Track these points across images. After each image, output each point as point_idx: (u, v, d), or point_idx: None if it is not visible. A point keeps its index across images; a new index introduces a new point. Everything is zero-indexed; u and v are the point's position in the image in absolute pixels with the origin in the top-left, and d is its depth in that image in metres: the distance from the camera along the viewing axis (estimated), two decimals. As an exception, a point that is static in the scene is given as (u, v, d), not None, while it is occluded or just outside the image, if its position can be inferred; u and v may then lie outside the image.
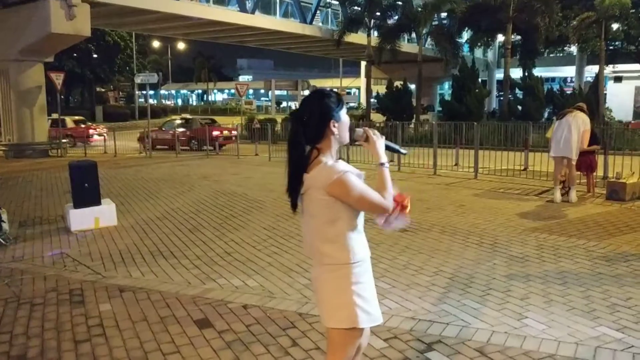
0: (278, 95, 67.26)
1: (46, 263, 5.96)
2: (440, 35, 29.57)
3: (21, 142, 18.82)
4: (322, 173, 2.24)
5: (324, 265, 2.33)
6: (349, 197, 2.23)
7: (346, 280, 2.30)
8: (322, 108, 2.29)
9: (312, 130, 2.28)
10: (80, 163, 7.97)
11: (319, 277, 2.37)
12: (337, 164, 2.25)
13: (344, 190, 2.22)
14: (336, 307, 2.32)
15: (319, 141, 2.30)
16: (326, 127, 2.28)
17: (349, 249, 2.30)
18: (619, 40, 30.72)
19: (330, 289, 2.33)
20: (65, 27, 16.83)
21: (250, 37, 30.54)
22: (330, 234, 2.30)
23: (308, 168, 2.28)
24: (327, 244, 2.31)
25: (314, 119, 2.28)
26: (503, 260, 5.60)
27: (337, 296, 2.31)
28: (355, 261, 2.31)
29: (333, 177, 2.21)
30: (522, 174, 11.25)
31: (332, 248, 2.30)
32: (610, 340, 3.71)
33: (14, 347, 3.86)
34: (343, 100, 2.37)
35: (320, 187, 2.24)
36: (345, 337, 2.33)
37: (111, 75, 48.04)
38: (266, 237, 6.76)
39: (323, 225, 2.31)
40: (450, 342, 3.74)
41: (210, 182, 11.51)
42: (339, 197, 2.23)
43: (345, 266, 2.30)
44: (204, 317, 4.27)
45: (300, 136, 2.29)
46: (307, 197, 2.31)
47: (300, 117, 2.30)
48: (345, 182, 2.21)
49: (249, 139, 21.45)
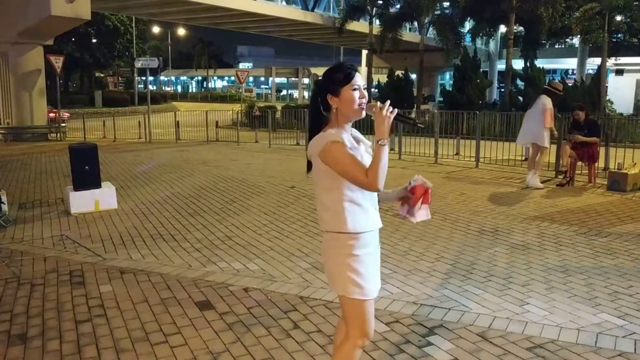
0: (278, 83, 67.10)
1: (46, 245, 5.95)
2: (442, 25, 29.41)
3: (20, 126, 18.74)
4: (318, 141, 2.29)
5: (324, 232, 2.41)
6: (335, 166, 2.26)
7: (340, 250, 2.35)
8: (324, 80, 2.36)
9: (320, 100, 2.35)
10: (80, 146, 7.95)
11: (323, 242, 2.46)
12: (332, 132, 2.28)
13: (332, 159, 2.25)
14: (334, 273, 2.40)
15: (328, 112, 2.35)
16: (326, 99, 2.33)
17: (344, 219, 2.31)
18: (621, 32, 30.58)
19: (328, 256, 2.42)
20: (65, 10, 16.68)
21: (251, 23, 30.39)
22: (327, 201, 2.35)
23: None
24: (325, 211, 2.37)
25: (320, 90, 2.36)
26: (504, 248, 5.59)
27: (333, 263, 2.39)
28: (349, 232, 2.32)
29: (322, 145, 2.25)
30: (522, 164, 11.21)
31: (328, 215, 2.36)
32: (612, 327, 3.71)
33: (14, 326, 3.85)
34: (350, 77, 2.31)
35: (316, 155, 2.29)
36: (352, 305, 2.38)
37: (111, 60, 47.76)
38: (267, 222, 6.75)
39: (322, 192, 2.37)
40: (452, 326, 3.74)
41: (210, 168, 11.48)
42: (329, 165, 2.27)
43: (339, 235, 2.33)
44: (205, 299, 4.26)
45: (315, 102, 2.36)
46: (312, 164, 2.38)
47: (317, 83, 2.41)
48: (332, 151, 2.24)
49: (249, 126, 21.40)
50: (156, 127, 19.17)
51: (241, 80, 24.42)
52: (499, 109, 25.32)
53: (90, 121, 20.79)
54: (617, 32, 30.35)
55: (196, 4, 23.99)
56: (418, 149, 12.76)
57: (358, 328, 2.41)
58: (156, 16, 32.25)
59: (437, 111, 17.12)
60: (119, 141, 18.22)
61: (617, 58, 33.48)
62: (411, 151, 12.88)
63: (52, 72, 19.53)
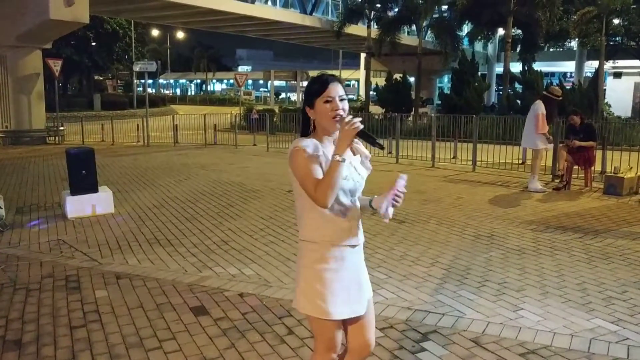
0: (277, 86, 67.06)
1: (42, 249, 5.95)
2: (440, 28, 29.45)
3: (18, 129, 18.74)
4: (291, 146, 2.25)
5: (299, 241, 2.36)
6: (295, 173, 2.21)
7: (301, 259, 2.31)
8: (304, 92, 2.33)
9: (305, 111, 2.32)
10: (77, 150, 7.93)
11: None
12: (299, 140, 2.24)
13: (292, 166, 2.22)
14: (298, 287, 2.32)
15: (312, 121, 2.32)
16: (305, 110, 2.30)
17: (308, 227, 2.27)
18: (619, 35, 30.62)
19: (297, 267, 2.37)
20: (63, 14, 16.71)
21: (250, 27, 30.39)
22: (299, 208, 2.32)
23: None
24: (299, 219, 2.34)
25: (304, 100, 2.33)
26: (500, 253, 5.61)
27: (297, 275, 2.34)
28: (310, 241, 2.26)
29: (290, 151, 2.23)
30: (519, 167, 11.24)
31: (300, 223, 2.32)
32: (605, 333, 3.72)
33: (9, 332, 3.86)
34: (322, 89, 2.23)
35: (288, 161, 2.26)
36: (313, 322, 2.31)
37: (109, 63, 47.73)
38: (263, 227, 6.76)
39: (296, 198, 2.32)
40: (446, 332, 3.75)
41: (208, 172, 11.49)
42: (292, 172, 2.24)
43: (304, 244, 2.29)
44: (200, 305, 4.27)
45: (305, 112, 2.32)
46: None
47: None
48: (293, 158, 2.20)
49: (247, 129, 21.40)
50: (154, 130, 19.18)
51: (240, 84, 24.46)
52: (497, 112, 25.38)
53: (89, 124, 20.79)
54: (614, 36, 30.39)
55: (195, 7, 24.00)
56: (415, 153, 12.78)
57: (317, 346, 2.36)
58: (155, 20, 32.30)
59: (434, 115, 17.14)
60: (117, 144, 18.22)
61: (615, 61, 33.51)
62: (408, 155, 12.90)
63: (50, 76, 19.54)
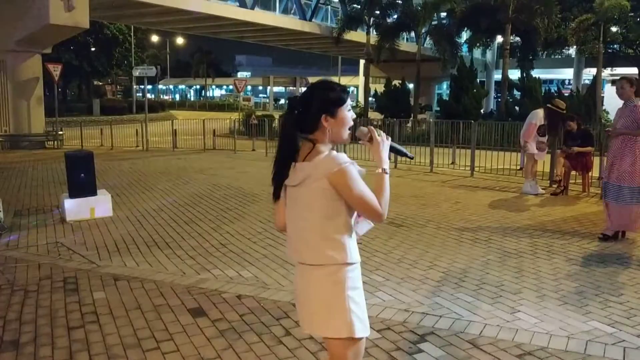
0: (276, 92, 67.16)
1: (41, 252, 5.96)
2: (439, 35, 29.58)
3: (17, 133, 18.75)
4: (325, 161, 2.08)
5: (320, 266, 2.14)
6: (349, 191, 2.06)
7: (343, 284, 2.13)
8: (317, 100, 2.14)
9: (305, 120, 2.14)
10: (76, 153, 7.97)
11: (311, 279, 2.17)
12: (341, 155, 2.09)
13: (346, 183, 2.05)
14: (330, 314, 2.14)
15: (313, 132, 2.15)
16: (319, 119, 2.13)
17: (347, 249, 2.14)
18: (617, 43, 30.76)
19: (324, 293, 2.14)
20: (63, 19, 16.74)
21: (249, 32, 30.49)
22: (329, 230, 2.12)
23: (304, 157, 2.14)
24: (326, 241, 2.12)
25: (308, 110, 2.14)
26: (497, 256, 5.62)
27: (332, 302, 2.13)
28: (352, 262, 2.16)
29: (336, 167, 2.05)
30: (517, 173, 11.27)
31: (330, 246, 2.12)
32: (602, 335, 3.74)
33: (7, 332, 3.86)
34: (345, 97, 2.18)
35: (323, 176, 2.07)
36: (347, 345, 2.16)
37: (109, 68, 47.82)
38: (261, 230, 6.77)
39: (322, 220, 2.11)
40: (443, 334, 3.76)
41: (207, 176, 11.50)
42: (339, 190, 2.07)
43: (342, 267, 2.13)
44: (197, 306, 4.28)
45: (291, 122, 2.16)
46: (304, 188, 2.12)
47: (296, 104, 2.17)
48: (348, 174, 2.05)
49: (246, 134, 21.44)
50: (153, 135, 19.20)
51: (239, 89, 24.51)
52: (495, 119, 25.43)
53: (88, 129, 20.82)
54: (612, 43, 30.52)
55: (195, 13, 24.09)
56: (414, 158, 12.78)
57: None
58: (155, 25, 32.39)
59: (432, 121, 17.19)
60: (116, 149, 18.24)
61: (613, 68, 33.65)
62: (407, 160, 12.90)
63: (50, 81, 19.58)
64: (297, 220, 2.19)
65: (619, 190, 5.94)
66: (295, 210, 2.20)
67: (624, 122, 5.91)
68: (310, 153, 2.13)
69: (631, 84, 5.89)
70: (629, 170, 5.87)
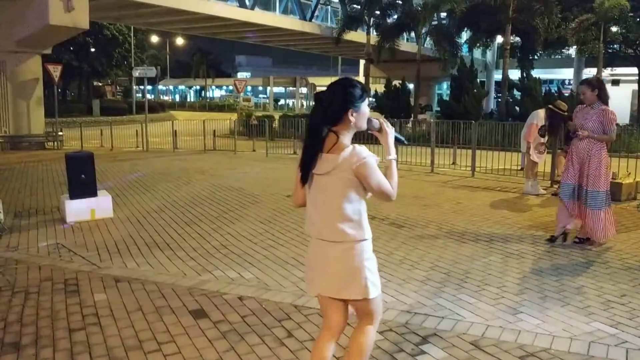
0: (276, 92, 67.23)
1: (41, 253, 5.94)
2: (439, 35, 29.62)
3: (17, 134, 18.76)
4: (352, 154, 2.41)
5: (340, 242, 2.49)
6: (370, 180, 2.43)
7: (361, 256, 2.50)
8: (344, 96, 2.45)
9: (331, 114, 2.46)
10: (77, 154, 7.94)
11: (332, 253, 2.52)
12: (363, 149, 2.43)
13: (368, 173, 2.41)
14: (350, 281, 2.51)
15: (336, 125, 2.47)
16: (345, 113, 2.45)
17: (364, 227, 2.52)
18: (617, 43, 30.78)
19: (345, 265, 2.51)
20: (63, 19, 16.75)
21: (249, 33, 30.49)
22: (349, 212, 2.47)
23: (329, 149, 2.45)
24: (346, 222, 2.48)
25: (335, 104, 2.45)
26: (499, 257, 5.61)
27: (351, 271, 2.50)
28: (368, 238, 2.54)
29: (360, 160, 2.40)
30: (518, 173, 11.26)
31: (350, 226, 2.48)
32: (604, 336, 3.73)
33: (8, 335, 3.85)
34: (366, 93, 2.53)
35: (349, 168, 2.41)
36: (374, 303, 2.60)
37: (109, 69, 47.81)
38: (262, 231, 6.76)
39: (343, 204, 2.47)
40: (445, 335, 3.75)
41: (207, 177, 11.49)
42: (362, 179, 2.43)
43: (361, 243, 2.51)
44: (199, 308, 4.27)
45: (319, 117, 2.47)
46: (331, 177, 2.45)
47: (322, 100, 2.48)
48: (370, 165, 2.41)
49: (247, 135, 21.44)
50: (154, 136, 19.19)
51: (239, 90, 24.52)
52: (495, 119, 25.43)
53: (88, 130, 20.83)
54: (612, 43, 30.56)
55: (195, 14, 24.11)
56: (414, 159, 12.80)
57: (377, 319, 2.68)
58: (155, 26, 32.41)
59: (433, 121, 17.18)
60: (116, 150, 18.24)
61: (613, 68, 33.69)
62: (408, 160, 12.91)
63: (50, 81, 19.57)
64: (320, 204, 2.53)
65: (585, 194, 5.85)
66: (319, 195, 2.52)
67: (592, 125, 5.80)
68: (335, 145, 2.46)
69: (592, 88, 5.76)
70: (594, 174, 5.79)
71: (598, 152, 5.81)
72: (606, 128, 5.76)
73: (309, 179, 2.53)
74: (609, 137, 5.84)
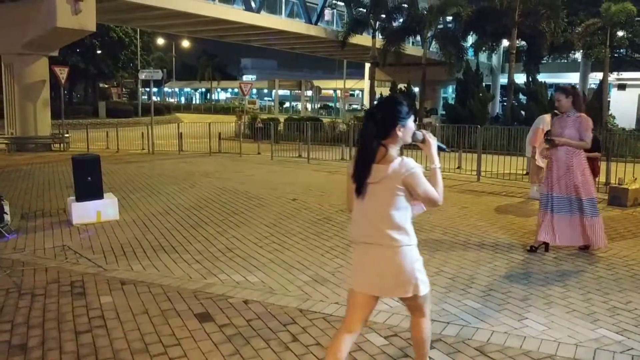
0: (281, 95, 67.27)
1: (48, 255, 5.98)
2: (445, 39, 29.59)
3: (24, 136, 18.86)
4: (401, 165, 2.66)
5: (390, 247, 2.71)
6: (418, 188, 2.66)
7: (409, 258, 2.74)
8: (393, 112, 2.72)
9: (381, 129, 2.70)
10: (83, 157, 7.99)
11: (380, 256, 2.73)
12: (411, 160, 2.69)
13: (416, 182, 2.65)
14: (404, 280, 2.73)
15: (386, 139, 2.71)
16: (393, 129, 2.70)
17: (411, 232, 2.77)
18: (623, 47, 30.68)
19: (396, 267, 2.72)
20: (70, 22, 16.83)
21: (255, 36, 30.54)
22: (397, 219, 2.71)
23: (379, 160, 2.69)
24: (394, 229, 2.71)
25: (385, 121, 2.71)
26: (504, 262, 5.61)
27: (404, 273, 2.72)
28: (415, 243, 2.78)
29: (410, 170, 2.65)
30: (524, 178, 11.24)
31: (398, 232, 2.71)
32: (610, 343, 3.72)
33: (15, 337, 3.87)
34: (411, 110, 2.80)
35: (398, 178, 2.65)
36: (422, 298, 2.83)
37: (115, 71, 47.97)
38: (268, 234, 6.77)
39: (392, 211, 2.70)
40: (450, 340, 3.75)
41: (213, 180, 11.52)
42: (410, 187, 2.67)
43: (409, 247, 2.74)
44: (204, 311, 4.28)
45: (371, 131, 2.70)
46: (380, 186, 2.68)
47: (374, 116, 2.73)
48: (418, 175, 2.66)
49: (252, 137, 21.48)
50: (159, 138, 19.25)
51: (245, 92, 24.55)
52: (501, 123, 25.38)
53: (94, 132, 20.91)
54: (619, 48, 30.44)
55: (201, 16, 24.16)
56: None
57: (428, 310, 2.96)
58: (161, 28, 32.52)
59: (438, 125, 17.18)
60: (122, 152, 18.30)
61: (620, 73, 33.57)
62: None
63: (56, 83, 19.67)
64: (370, 211, 2.75)
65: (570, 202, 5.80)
66: (369, 202, 2.74)
67: (569, 133, 5.76)
68: (385, 157, 2.71)
69: (567, 95, 5.73)
70: (582, 181, 5.77)
71: (578, 160, 5.78)
72: (582, 135, 5.73)
73: (357, 188, 2.75)
74: (584, 144, 5.79)
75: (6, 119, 19.35)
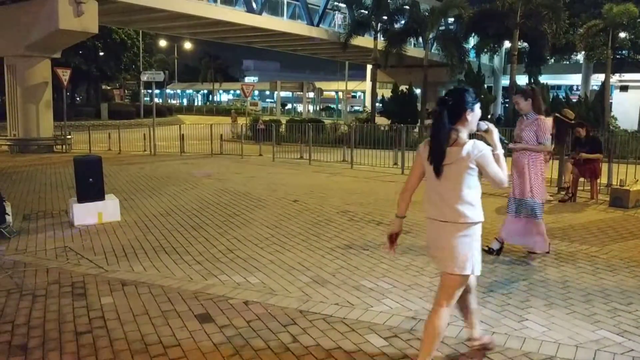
0: (283, 97, 67.36)
1: (49, 256, 5.99)
2: (446, 41, 29.61)
3: (26, 137, 18.90)
4: (474, 147, 2.91)
5: (458, 223, 2.95)
6: (488, 168, 2.94)
7: (473, 236, 2.99)
8: (462, 98, 3.00)
9: (452, 114, 2.97)
10: (85, 158, 8.00)
11: (448, 233, 2.98)
12: (481, 142, 2.96)
13: (487, 162, 2.93)
14: (461, 257, 2.96)
15: (456, 123, 2.97)
16: (464, 112, 2.98)
17: (481, 210, 3.01)
18: (626, 49, 30.68)
19: (459, 243, 2.96)
20: (72, 24, 16.90)
21: (256, 38, 30.59)
22: (469, 197, 2.96)
23: (452, 144, 2.94)
24: (465, 205, 2.96)
25: (456, 105, 2.98)
26: (505, 263, 5.60)
27: (464, 249, 2.96)
28: (482, 220, 3.01)
29: (482, 151, 2.92)
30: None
31: (469, 209, 2.96)
32: (611, 344, 3.71)
33: (15, 337, 3.88)
34: (477, 98, 3.06)
35: (472, 159, 2.91)
36: (461, 281, 3.03)
37: (117, 73, 48.10)
38: (268, 236, 6.78)
39: (464, 190, 2.95)
40: (450, 342, 3.75)
41: (214, 181, 11.54)
42: (481, 167, 2.94)
43: (476, 225, 2.99)
44: (205, 312, 4.29)
45: (444, 117, 2.96)
46: (455, 167, 2.94)
47: (446, 102, 2.99)
48: (488, 156, 2.94)
49: (253, 139, 21.50)
50: (161, 139, 19.29)
51: (247, 94, 24.59)
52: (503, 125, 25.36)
53: (96, 133, 20.95)
54: (621, 49, 30.45)
55: (203, 18, 24.20)
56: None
57: (450, 297, 3.07)
58: (163, 30, 32.58)
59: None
60: (124, 153, 18.34)
61: (622, 74, 33.55)
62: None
63: (59, 85, 19.72)
64: (444, 190, 3.01)
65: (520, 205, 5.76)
66: (443, 182, 3.00)
67: (526, 135, 5.73)
68: (457, 141, 2.95)
69: (525, 97, 5.70)
70: (536, 184, 5.70)
71: (534, 163, 5.73)
72: (540, 138, 5.70)
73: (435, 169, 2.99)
74: (543, 147, 5.75)
75: (9, 120, 19.41)
